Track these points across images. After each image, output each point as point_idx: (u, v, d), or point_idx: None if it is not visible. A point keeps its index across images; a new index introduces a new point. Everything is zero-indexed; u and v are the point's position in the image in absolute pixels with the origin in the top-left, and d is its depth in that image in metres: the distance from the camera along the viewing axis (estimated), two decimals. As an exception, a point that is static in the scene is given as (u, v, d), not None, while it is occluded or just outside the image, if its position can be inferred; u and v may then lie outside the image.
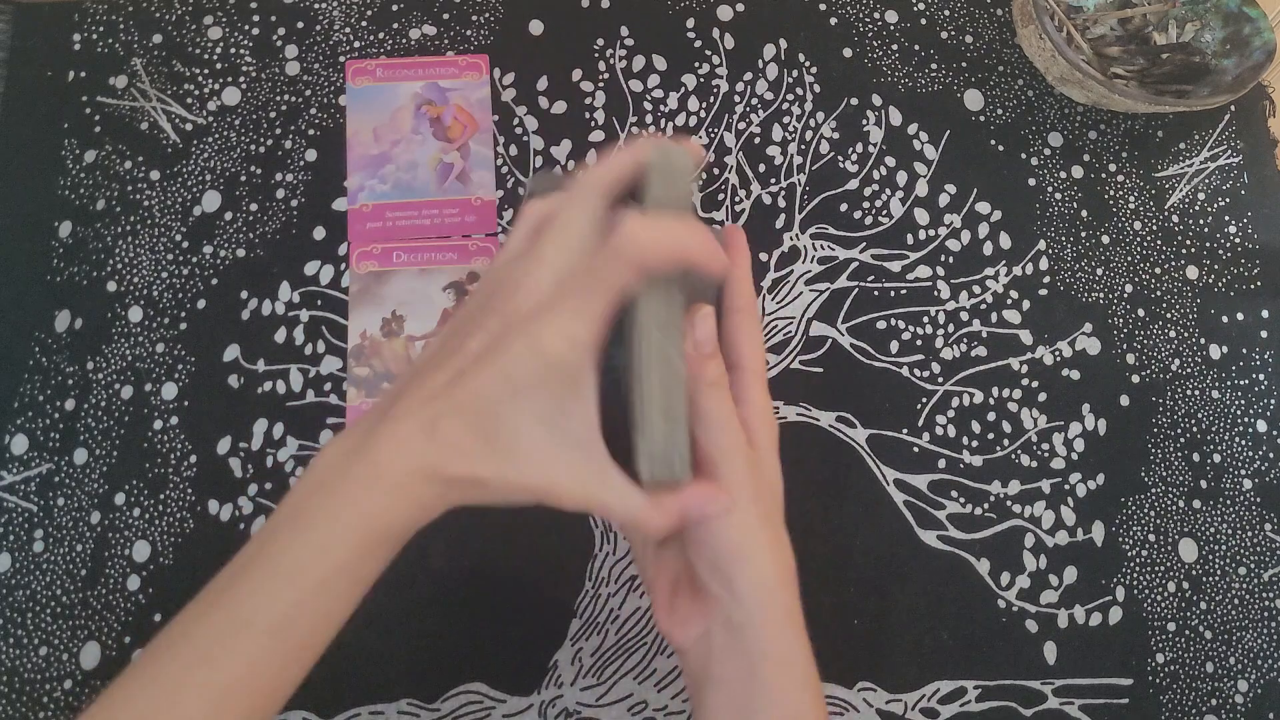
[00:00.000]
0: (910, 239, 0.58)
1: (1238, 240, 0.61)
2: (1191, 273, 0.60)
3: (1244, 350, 0.58)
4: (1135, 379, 0.57)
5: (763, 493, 0.32)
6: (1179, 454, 0.56)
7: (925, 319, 0.56)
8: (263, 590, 0.29)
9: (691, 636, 0.33)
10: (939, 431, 0.54)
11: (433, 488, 0.29)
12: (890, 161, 0.59)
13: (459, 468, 0.29)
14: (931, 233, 0.58)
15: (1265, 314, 0.59)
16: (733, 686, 0.32)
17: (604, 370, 0.30)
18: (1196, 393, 0.57)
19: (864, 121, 0.60)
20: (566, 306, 0.28)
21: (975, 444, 0.54)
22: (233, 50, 0.58)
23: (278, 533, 0.30)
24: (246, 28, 0.59)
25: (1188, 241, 0.60)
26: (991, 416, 0.55)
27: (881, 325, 0.56)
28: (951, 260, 0.58)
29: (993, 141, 0.61)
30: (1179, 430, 0.56)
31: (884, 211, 0.58)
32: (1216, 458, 0.56)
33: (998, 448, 0.54)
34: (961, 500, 0.53)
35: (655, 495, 0.30)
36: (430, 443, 0.29)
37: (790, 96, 0.60)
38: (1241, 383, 0.58)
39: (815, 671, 0.33)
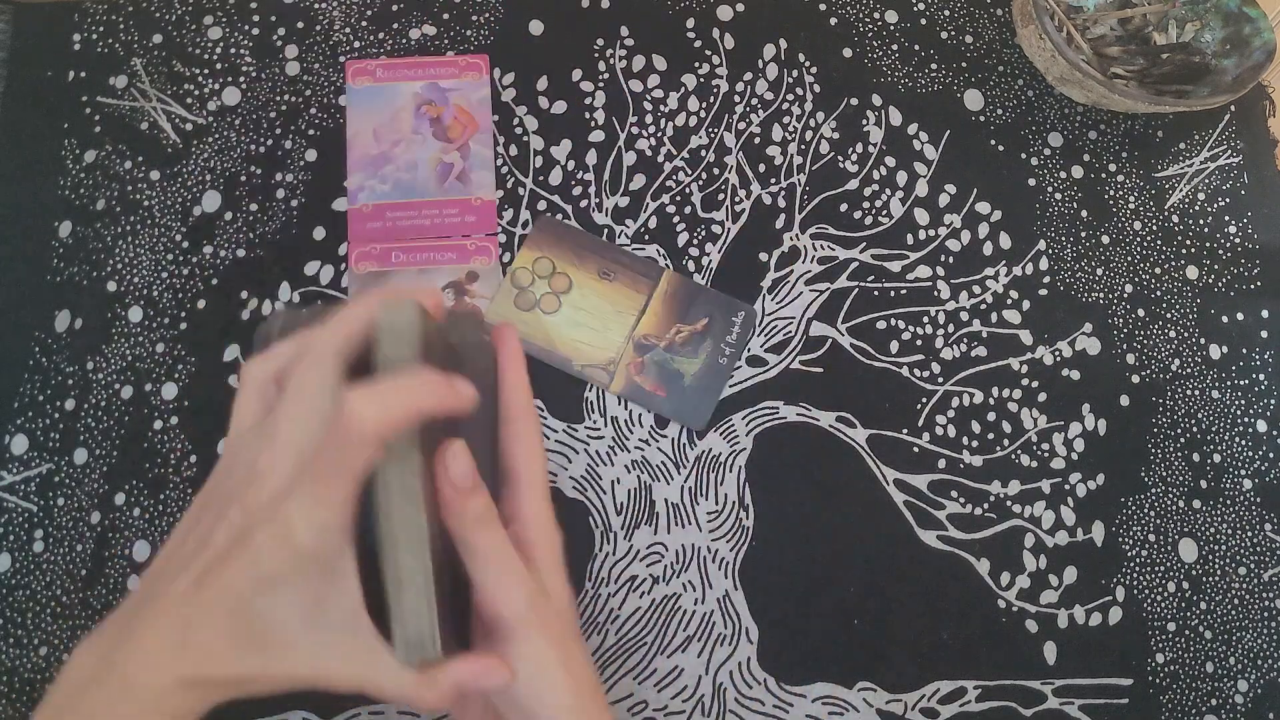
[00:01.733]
0: (910, 239, 0.58)
1: (1238, 240, 0.61)
2: (1191, 273, 0.60)
3: (1244, 350, 0.58)
4: (1135, 379, 0.57)
5: (549, 618, 0.31)
6: (1179, 454, 0.56)
7: (925, 319, 0.56)
8: None
9: None
10: (939, 431, 0.54)
11: (191, 693, 0.27)
12: (890, 161, 0.59)
13: (217, 671, 0.27)
14: (931, 233, 0.58)
15: (1265, 314, 0.59)
16: None
17: (360, 537, 0.28)
18: (1196, 393, 0.57)
19: (864, 121, 0.60)
20: (308, 493, 0.27)
21: (975, 444, 0.54)
22: (233, 50, 0.58)
23: None
24: (246, 28, 0.59)
25: (1188, 241, 0.60)
26: (991, 416, 0.55)
27: (881, 325, 0.56)
28: (951, 260, 0.58)
29: (993, 141, 0.61)
30: (1179, 430, 0.56)
31: (884, 211, 0.58)
32: (1216, 458, 0.56)
33: (998, 448, 0.54)
34: (961, 500, 0.53)
35: (424, 672, 0.28)
36: (182, 651, 0.27)
37: (790, 96, 0.60)
38: (1241, 383, 0.58)
39: None
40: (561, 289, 0.54)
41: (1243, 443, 0.56)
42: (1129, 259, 0.59)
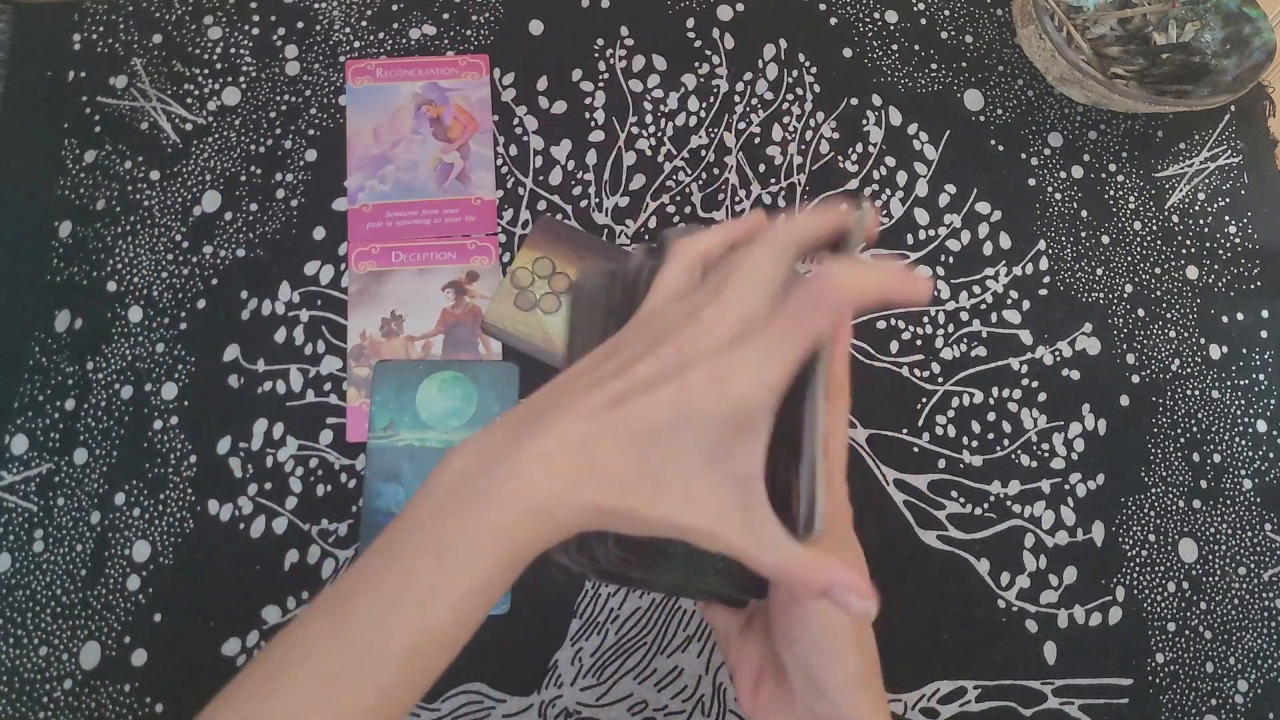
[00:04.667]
0: (910, 239, 0.58)
1: (1238, 240, 0.61)
2: (1191, 273, 0.60)
3: (1244, 350, 0.58)
4: (1135, 379, 0.57)
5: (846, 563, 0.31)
6: (1179, 454, 0.56)
7: (925, 319, 0.56)
8: (393, 615, 0.26)
9: None
10: (939, 431, 0.54)
11: (575, 513, 0.27)
12: (890, 161, 0.59)
13: (611, 497, 0.27)
14: (931, 233, 0.58)
15: (1265, 314, 0.59)
16: None
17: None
18: (1196, 393, 0.57)
19: (864, 121, 0.60)
20: (760, 347, 0.27)
21: (975, 444, 0.54)
22: (233, 50, 0.58)
23: (402, 550, 0.27)
24: (246, 28, 0.59)
25: (1188, 241, 0.60)
26: (991, 416, 0.55)
27: (881, 325, 0.56)
28: (951, 260, 0.58)
29: (993, 141, 0.61)
30: (1179, 430, 0.56)
31: (884, 211, 0.58)
32: (1216, 458, 0.56)
33: (998, 448, 0.54)
34: (961, 500, 0.53)
35: (812, 554, 0.28)
36: (582, 466, 0.27)
37: (790, 96, 0.60)
38: (1241, 383, 0.58)
39: None
40: (561, 289, 0.54)
41: (1243, 443, 0.56)
42: (1129, 259, 0.59)
